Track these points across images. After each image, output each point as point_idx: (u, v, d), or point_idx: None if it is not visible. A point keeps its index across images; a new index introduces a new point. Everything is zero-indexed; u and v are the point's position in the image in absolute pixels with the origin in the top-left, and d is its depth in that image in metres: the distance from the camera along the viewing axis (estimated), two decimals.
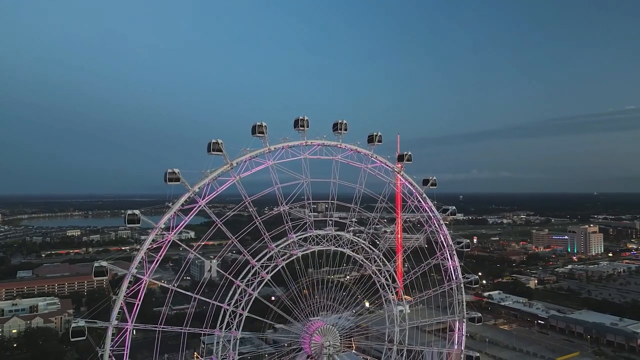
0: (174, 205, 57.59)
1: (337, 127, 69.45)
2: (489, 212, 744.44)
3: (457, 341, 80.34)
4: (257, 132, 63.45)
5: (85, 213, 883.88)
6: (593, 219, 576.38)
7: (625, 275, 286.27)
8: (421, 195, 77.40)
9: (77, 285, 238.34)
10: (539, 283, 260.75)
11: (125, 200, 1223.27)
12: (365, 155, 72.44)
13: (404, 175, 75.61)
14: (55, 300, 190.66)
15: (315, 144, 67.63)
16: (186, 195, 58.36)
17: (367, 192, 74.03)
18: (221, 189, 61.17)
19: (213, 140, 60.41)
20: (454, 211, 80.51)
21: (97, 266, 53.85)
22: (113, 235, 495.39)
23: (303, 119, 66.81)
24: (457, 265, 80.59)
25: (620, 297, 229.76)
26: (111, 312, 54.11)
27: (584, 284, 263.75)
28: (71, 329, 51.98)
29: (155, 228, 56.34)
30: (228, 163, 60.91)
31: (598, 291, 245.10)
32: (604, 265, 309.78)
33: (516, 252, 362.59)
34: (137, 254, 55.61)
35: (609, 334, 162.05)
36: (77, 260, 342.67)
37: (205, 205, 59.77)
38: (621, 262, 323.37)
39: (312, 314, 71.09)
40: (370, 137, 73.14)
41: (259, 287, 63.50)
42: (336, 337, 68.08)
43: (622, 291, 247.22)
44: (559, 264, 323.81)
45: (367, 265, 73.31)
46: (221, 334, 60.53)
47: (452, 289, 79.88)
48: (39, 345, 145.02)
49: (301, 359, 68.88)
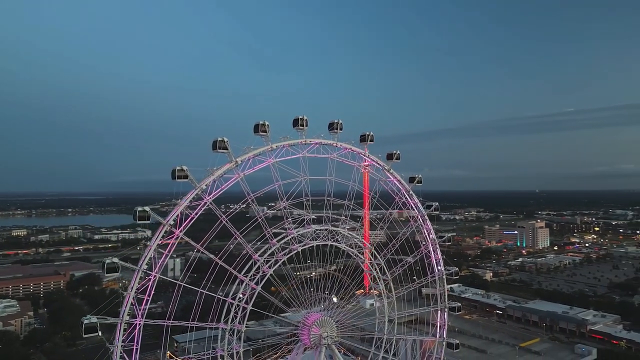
0: (182, 202, 58.46)
1: (334, 126, 72.30)
2: (441, 209, 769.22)
3: (440, 330, 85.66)
4: (260, 131, 65.20)
5: (29, 212, 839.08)
6: (537, 215, 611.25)
7: (570, 267, 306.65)
8: (408, 192, 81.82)
9: (33, 287, 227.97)
10: (494, 276, 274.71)
11: (71, 198, 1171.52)
12: (357, 154, 75.72)
13: (393, 173, 79.62)
14: (13, 302, 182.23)
15: (313, 143, 70.14)
16: (194, 192, 59.33)
17: (360, 189, 77.40)
18: (226, 186, 62.57)
19: (219, 138, 61.60)
20: (437, 207, 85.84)
21: (109, 262, 53.87)
22: (63, 235, 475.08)
23: (303, 119, 69.15)
24: (440, 258, 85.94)
25: (568, 288, 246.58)
26: (121, 308, 54.46)
27: (534, 276, 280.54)
28: (84, 326, 51.84)
29: (164, 224, 57.00)
30: (233, 161, 62.31)
31: (547, 282, 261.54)
32: (551, 258, 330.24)
33: (471, 246, 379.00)
34: (146, 249, 56.11)
35: (561, 322, 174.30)
36: (28, 261, 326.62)
37: (211, 202, 60.94)
38: (566, 255, 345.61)
39: (305, 306, 73.73)
40: (362, 136, 76.42)
41: (261, 282, 65.37)
42: (333, 328, 71.05)
43: (569, 282, 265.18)
44: (511, 258, 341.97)
45: (359, 259, 76.75)
46: (227, 327, 62.04)
47: (435, 281, 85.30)
48: (0, 349, 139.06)
49: (299, 350, 71.37)
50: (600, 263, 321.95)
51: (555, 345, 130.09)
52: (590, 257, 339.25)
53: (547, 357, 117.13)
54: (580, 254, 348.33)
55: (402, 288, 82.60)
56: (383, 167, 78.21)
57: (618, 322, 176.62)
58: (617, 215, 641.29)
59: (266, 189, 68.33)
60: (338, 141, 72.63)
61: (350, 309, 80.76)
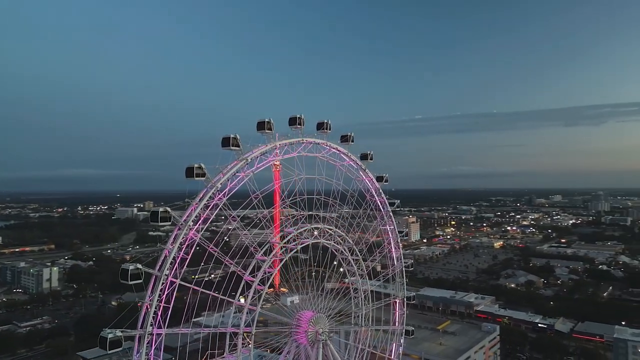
0: (200, 200, 55.14)
1: (323, 126, 73.66)
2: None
3: (399, 319, 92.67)
4: (265, 129, 64.04)
5: None
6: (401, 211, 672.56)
7: (442, 257, 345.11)
8: (377, 191, 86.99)
9: None
10: (382, 267, 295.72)
11: None
12: (339, 154, 78.24)
13: (367, 172, 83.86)
14: None
15: (309, 142, 70.87)
16: (211, 190, 56.28)
17: (344, 188, 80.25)
18: (238, 185, 60.37)
19: (232, 135, 59.26)
20: (399, 204, 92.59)
21: (132, 269, 48.48)
22: None
23: (300, 117, 69.42)
24: (401, 252, 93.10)
25: (446, 275, 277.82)
26: (142, 318, 49.59)
27: (416, 266, 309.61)
28: (109, 340, 46.08)
29: (183, 224, 53.16)
30: (243, 159, 60.38)
31: (428, 271, 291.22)
32: (424, 249, 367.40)
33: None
34: (164, 253, 51.83)
35: (452, 305, 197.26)
36: None
37: (226, 201, 58.41)
38: (436, 247, 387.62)
39: None
40: (344, 136, 78.96)
41: (268, 281, 64.39)
42: (326, 324, 72.68)
43: (445, 270, 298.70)
44: None
45: (344, 256, 79.65)
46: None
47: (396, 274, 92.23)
48: None
49: (290, 347, 71.33)
50: (463, 252, 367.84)
51: (464, 326, 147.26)
52: (455, 247, 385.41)
53: (462, 336, 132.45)
54: (446, 245, 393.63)
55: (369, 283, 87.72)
56: (360, 167, 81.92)
57: (494, 302, 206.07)
58: (464, 210, 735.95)
59: (268, 187, 67.20)
60: (327, 140, 74.45)
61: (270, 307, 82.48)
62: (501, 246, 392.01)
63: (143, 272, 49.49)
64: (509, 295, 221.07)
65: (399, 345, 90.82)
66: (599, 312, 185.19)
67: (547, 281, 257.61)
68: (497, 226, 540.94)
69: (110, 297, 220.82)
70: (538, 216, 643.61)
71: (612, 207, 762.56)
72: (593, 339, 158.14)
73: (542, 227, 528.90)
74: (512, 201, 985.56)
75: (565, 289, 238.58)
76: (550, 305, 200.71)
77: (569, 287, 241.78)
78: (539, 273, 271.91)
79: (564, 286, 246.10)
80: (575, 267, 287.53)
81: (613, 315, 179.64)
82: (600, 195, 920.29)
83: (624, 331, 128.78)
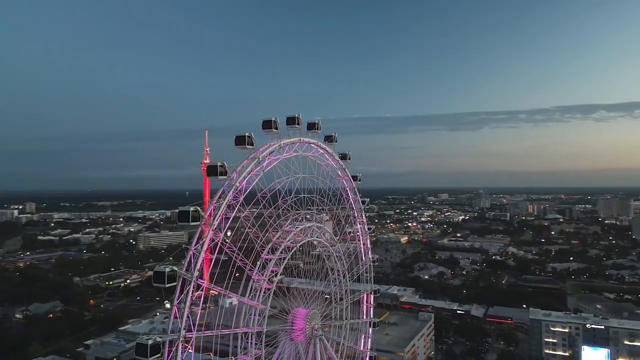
0: (223, 200, 53.95)
1: (314, 126, 75.06)
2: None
3: (367, 311, 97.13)
4: (272, 127, 64.05)
5: None
6: None
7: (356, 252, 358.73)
8: (352, 190, 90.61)
9: None
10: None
11: None
12: (323, 153, 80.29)
13: (346, 172, 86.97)
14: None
15: (305, 142, 71.96)
16: (232, 189, 55.30)
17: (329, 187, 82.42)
18: (251, 184, 59.85)
19: (247, 134, 58.82)
20: (369, 202, 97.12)
21: (169, 271, 46.08)
22: None
23: (298, 117, 70.19)
24: (369, 247, 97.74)
25: None
26: (174, 322, 47.54)
27: None
28: (149, 346, 43.53)
29: (209, 225, 51.70)
30: (256, 158, 59.99)
31: None
32: None
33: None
34: (191, 255, 50.06)
35: (379, 298, 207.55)
36: None
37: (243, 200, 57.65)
38: None
39: None
40: (328, 137, 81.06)
41: (276, 277, 64.51)
42: (319, 320, 74.36)
43: None
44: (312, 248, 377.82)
45: (333, 254, 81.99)
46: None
47: (366, 269, 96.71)
48: None
49: (284, 347, 71.81)
50: (374, 248, 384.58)
51: (403, 316, 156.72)
52: None
53: (403, 326, 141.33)
54: None
55: None
56: (341, 166, 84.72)
57: (414, 293, 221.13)
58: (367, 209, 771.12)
59: (270, 186, 67.08)
60: (318, 140, 76.11)
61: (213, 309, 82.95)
62: (407, 241, 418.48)
63: (177, 274, 47.46)
64: (424, 286, 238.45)
65: (368, 337, 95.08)
66: (503, 297, 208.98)
67: (454, 272, 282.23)
68: (399, 222, 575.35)
69: (12, 309, 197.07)
70: (432, 213, 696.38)
71: (492, 204, 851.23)
72: (504, 322, 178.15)
73: (438, 222, 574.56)
74: (407, 199, 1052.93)
75: (470, 279, 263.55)
76: (462, 293, 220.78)
77: (473, 277, 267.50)
78: (445, 264, 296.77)
79: (469, 276, 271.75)
80: (474, 258, 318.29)
81: (514, 299, 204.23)
82: (481, 193, 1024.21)
83: (536, 312, 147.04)
